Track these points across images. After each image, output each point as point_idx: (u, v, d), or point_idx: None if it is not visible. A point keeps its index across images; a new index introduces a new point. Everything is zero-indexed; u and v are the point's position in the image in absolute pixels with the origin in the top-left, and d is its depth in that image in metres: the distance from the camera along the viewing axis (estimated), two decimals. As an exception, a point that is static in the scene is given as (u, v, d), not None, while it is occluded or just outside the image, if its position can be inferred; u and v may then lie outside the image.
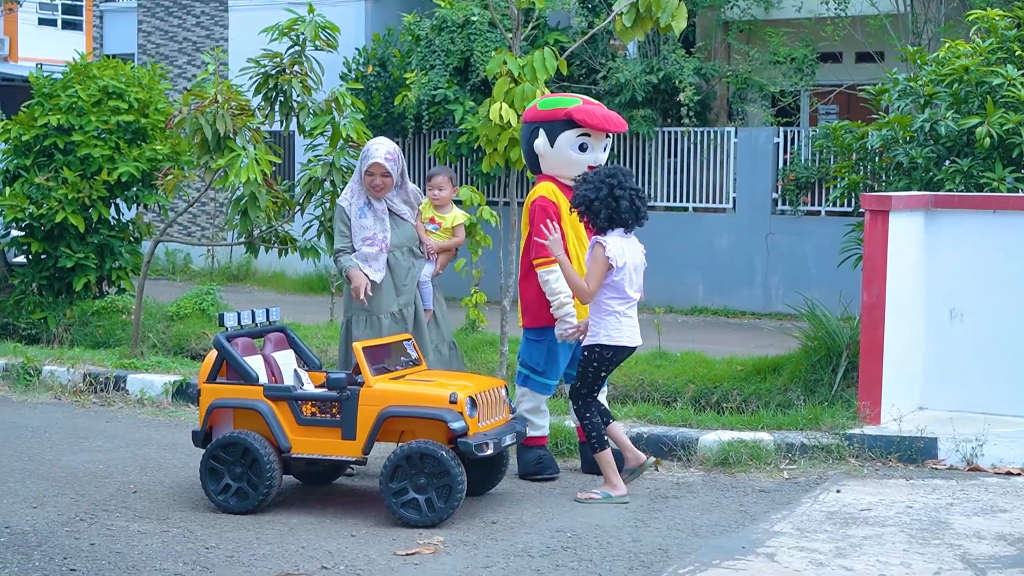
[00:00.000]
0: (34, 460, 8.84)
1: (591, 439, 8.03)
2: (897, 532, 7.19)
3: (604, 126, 8.45)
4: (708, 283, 18.50)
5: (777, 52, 18.59)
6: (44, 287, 14.70)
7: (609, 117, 8.54)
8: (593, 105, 8.61)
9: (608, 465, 8.00)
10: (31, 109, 14.63)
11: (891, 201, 9.27)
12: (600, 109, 8.62)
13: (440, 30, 19.06)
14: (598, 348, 7.96)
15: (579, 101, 8.55)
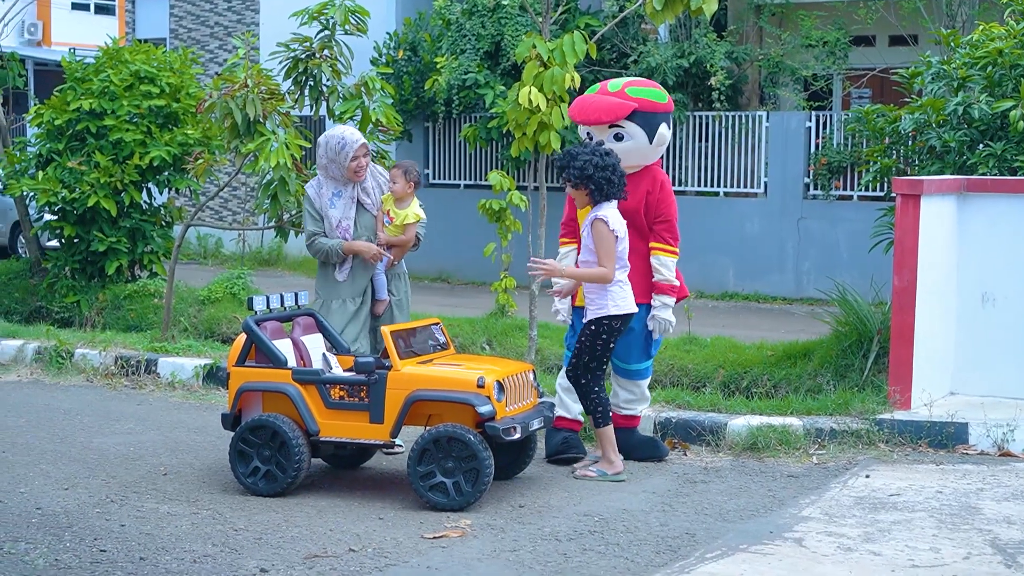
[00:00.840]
0: (66, 442, 8.90)
1: (596, 414, 8.04)
2: (926, 517, 7.16)
3: (573, 116, 8.62)
4: (739, 268, 18.43)
5: (809, 35, 18.47)
6: (77, 271, 14.78)
7: (583, 107, 8.50)
8: (585, 97, 8.59)
9: (609, 442, 8.02)
10: (63, 93, 14.69)
11: (923, 185, 9.22)
12: (581, 99, 8.60)
13: (471, 14, 19.02)
14: (607, 320, 8.01)
15: (596, 88, 8.63)
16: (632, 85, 8.51)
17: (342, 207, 8.58)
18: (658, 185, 8.42)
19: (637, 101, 8.35)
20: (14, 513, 7.10)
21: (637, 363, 8.51)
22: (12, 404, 10.23)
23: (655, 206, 8.37)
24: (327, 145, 8.56)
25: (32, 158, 14.94)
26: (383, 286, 8.72)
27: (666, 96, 8.57)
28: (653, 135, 8.36)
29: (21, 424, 9.45)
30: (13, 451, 8.59)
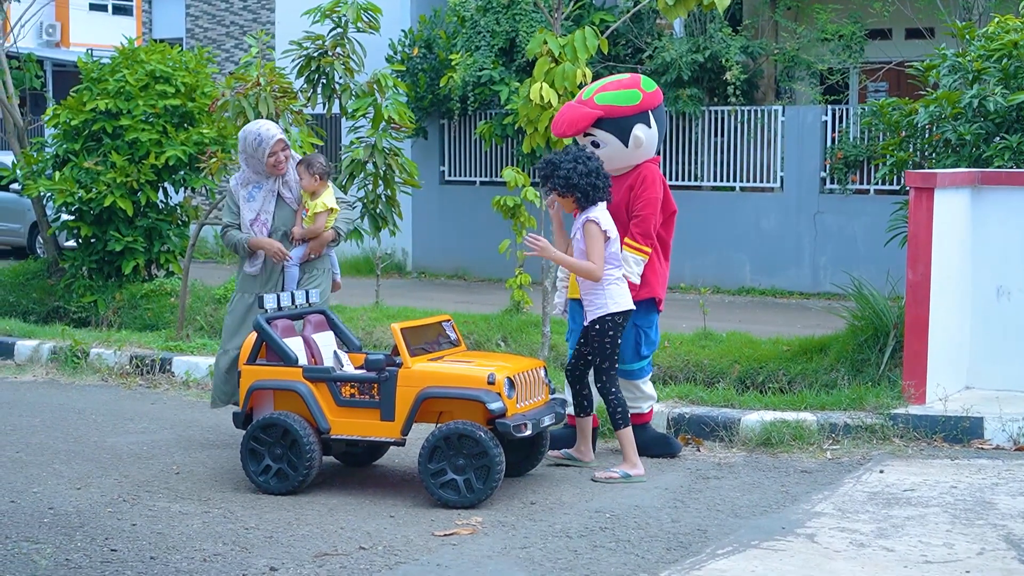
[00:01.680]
0: (80, 441, 8.92)
1: (615, 416, 8.02)
2: (940, 512, 7.12)
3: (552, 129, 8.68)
4: (755, 263, 18.38)
5: (825, 29, 18.40)
6: (94, 271, 14.82)
7: (556, 120, 8.50)
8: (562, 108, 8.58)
9: (629, 444, 7.99)
10: (80, 94, 14.74)
11: (936, 178, 9.17)
12: (559, 111, 8.59)
13: (485, 11, 19.01)
14: (609, 317, 8.00)
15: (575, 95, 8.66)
16: (602, 91, 8.41)
17: (261, 200, 8.61)
18: (640, 180, 8.34)
19: (602, 108, 8.26)
20: (26, 513, 7.11)
21: (629, 364, 8.45)
22: (27, 404, 10.26)
23: (633, 201, 8.33)
24: (245, 140, 8.59)
25: (49, 159, 14.99)
26: (293, 280, 8.65)
27: (639, 96, 8.34)
28: (627, 139, 8.28)
29: (36, 424, 9.48)
30: (27, 451, 8.61)
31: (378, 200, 11.56)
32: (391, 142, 11.32)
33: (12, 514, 7.09)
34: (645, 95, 8.37)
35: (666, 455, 8.51)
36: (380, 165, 11.24)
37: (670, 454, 8.52)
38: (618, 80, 8.54)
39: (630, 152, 8.30)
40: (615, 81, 8.54)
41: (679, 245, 18.49)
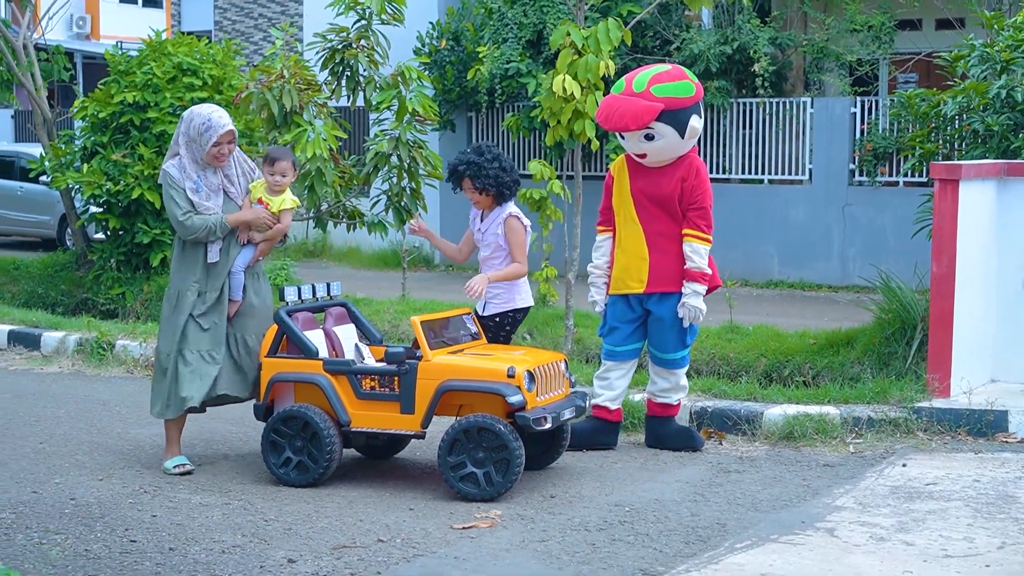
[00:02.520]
0: (103, 433, 8.96)
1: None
2: (962, 507, 7.07)
3: (600, 122, 8.52)
4: (784, 256, 18.30)
5: (854, 20, 18.28)
6: (122, 263, 14.89)
7: (609, 114, 8.33)
8: (611, 101, 8.40)
9: None
10: (107, 87, 14.80)
11: (961, 170, 9.10)
12: (607, 104, 8.42)
13: (513, 3, 18.99)
14: (511, 312, 8.21)
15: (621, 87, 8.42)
16: (657, 82, 8.24)
17: (206, 194, 7.87)
18: (693, 172, 8.33)
19: (663, 101, 8.15)
20: (48, 504, 7.15)
21: (673, 352, 8.45)
22: (53, 395, 10.31)
23: (690, 193, 8.30)
24: (190, 123, 7.85)
25: (77, 151, 15.06)
26: (239, 286, 7.96)
27: (694, 87, 8.30)
28: (684, 131, 8.24)
29: (60, 415, 9.52)
30: (51, 442, 8.66)
31: (403, 193, 11.58)
32: (415, 135, 11.33)
33: (34, 504, 7.13)
34: (697, 86, 8.36)
35: (688, 449, 8.49)
36: (404, 158, 11.26)
37: (692, 448, 8.50)
38: (665, 71, 8.34)
39: (684, 143, 8.29)
40: (663, 72, 8.33)
41: (707, 237, 18.53)
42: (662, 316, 8.35)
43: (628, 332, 8.49)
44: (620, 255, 8.45)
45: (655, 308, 8.39)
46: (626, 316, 8.47)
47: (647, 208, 8.33)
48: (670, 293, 8.31)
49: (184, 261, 7.92)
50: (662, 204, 8.28)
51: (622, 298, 8.46)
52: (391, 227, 11.81)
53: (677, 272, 8.32)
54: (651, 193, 8.30)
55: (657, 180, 8.28)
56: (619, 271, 8.45)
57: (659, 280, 8.31)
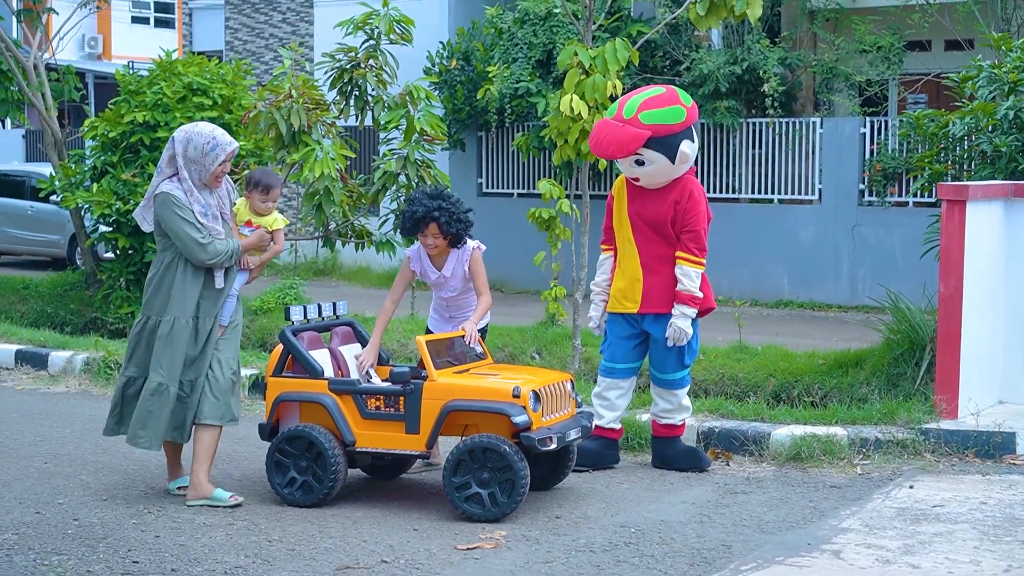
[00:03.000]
0: (108, 453, 8.94)
1: None
2: (969, 529, 7.03)
3: (592, 148, 8.52)
4: (793, 276, 18.27)
5: (864, 41, 18.28)
6: (131, 282, 14.92)
7: (598, 141, 8.34)
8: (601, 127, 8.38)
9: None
10: (118, 106, 14.84)
11: (968, 191, 9.08)
12: (597, 130, 8.42)
13: (522, 23, 19.01)
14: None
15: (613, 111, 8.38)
16: (647, 108, 8.18)
17: (212, 216, 7.58)
18: (686, 195, 8.30)
19: (651, 128, 8.10)
20: (51, 524, 7.13)
21: (672, 373, 8.45)
22: (59, 415, 10.31)
23: (682, 216, 8.29)
24: (190, 143, 7.45)
25: (87, 170, 15.09)
26: (230, 310, 7.79)
27: (684, 112, 8.22)
28: (674, 156, 8.20)
29: (66, 435, 9.52)
30: (55, 462, 8.65)
31: (410, 212, 11.55)
32: (423, 154, 11.33)
33: (37, 525, 7.12)
34: (688, 110, 8.27)
35: (694, 469, 8.46)
36: (413, 177, 11.25)
37: (698, 469, 8.47)
38: (657, 96, 8.28)
39: (676, 167, 8.26)
40: (654, 97, 8.27)
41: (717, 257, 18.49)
42: (659, 337, 8.37)
43: (627, 349, 8.49)
44: (619, 274, 8.49)
45: (651, 328, 8.39)
46: (624, 333, 8.48)
47: (642, 230, 8.34)
48: (664, 314, 8.30)
49: (187, 287, 7.54)
50: (656, 227, 8.30)
51: (620, 316, 8.48)
52: (399, 246, 11.80)
53: (670, 294, 8.31)
54: (646, 215, 8.31)
55: (652, 203, 8.30)
56: (617, 290, 8.48)
57: (652, 301, 8.32)
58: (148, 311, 7.65)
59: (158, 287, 7.61)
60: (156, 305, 7.61)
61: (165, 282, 7.58)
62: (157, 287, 7.61)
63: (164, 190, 7.50)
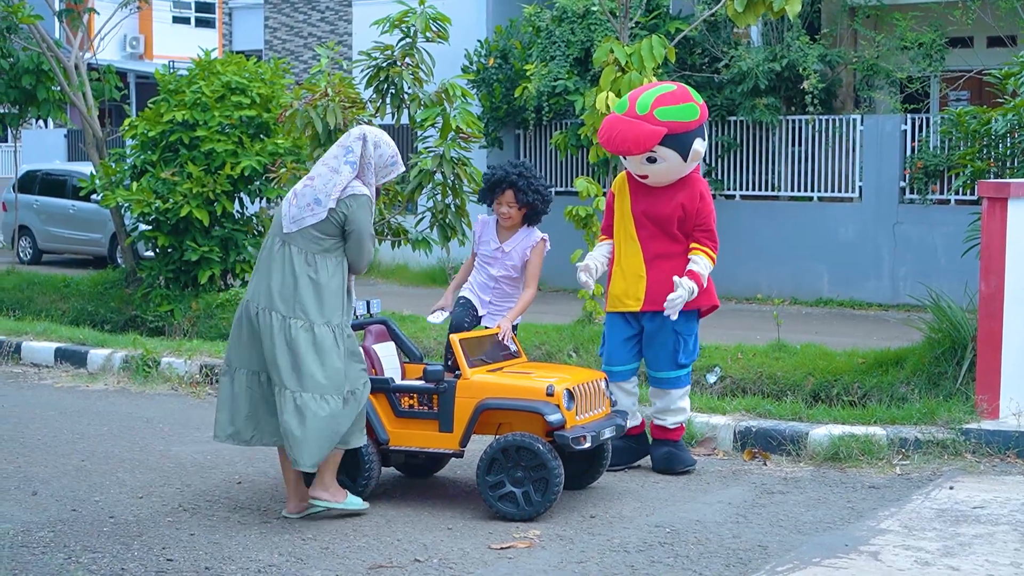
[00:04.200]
0: (144, 450, 8.97)
1: None
2: (1010, 531, 6.94)
3: (603, 143, 8.30)
4: (833, 274, 18.15)
5: (905, 37, 18.13)
6: (170, 280, 14.99)
7: (611, 137, 8.12)
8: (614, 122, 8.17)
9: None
10: (157, 105, 14.92)
11: (1010, 188, 8.96)
12: (609, 125, 8.17)
13: (560, 21, 18.97)
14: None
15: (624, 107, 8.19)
16: (661, 104, 8.06)
17: None
18: (697, 195, 8.26)
19: (666, 125, 7.98)
20: (87, 522, 7.15)
21: (665, 371, 8.34)
22: (96, 413, 10.35)
23: (695, 215, 8.25)
24: (376, 147, 7.31)
25: (127, 169, 15.17)
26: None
27: (698, 110, 8.13)
28: (687, 154, 8.11)
29: (103, 433, 9.55)
30: (92, 460, 8.68)
31: (447, 210, 11.56)
32: (459, 152, 11.30)
33: (73, 523, 7.14)
34: (700, 108, 8.18)
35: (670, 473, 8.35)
36: (448, 175, 11.23)
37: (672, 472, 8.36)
38: (671, 93, 8.18)
39: (687, 166, 8.19)
40: (668, 94, 8.17)
41: (756, 255, 18.45)
42: (654, 334, 8.28)
43: (627, 351, 8.37)
44: (618, 273, 8.36)
45: (648, 325, 8.31)
46: (624, 335, 8.36)
47: (647, 227, 8.25)
48: (663, 312, 8.24)
49: (341, 292, 7.26)
50: (661, 225, 8.21)
51: (620, 316, 8.38)
52: (435, 244, 11.79)
53: (670, 291, 8.23)
54: (652, 213, 8.23)
55: (657, 201, 8.21)
56: (617, 289, 8.35)
57: (655, 299, 8.21)
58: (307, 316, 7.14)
59: (325, 289, 7.19)
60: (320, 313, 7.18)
61: (333, 285, 7.22)
62: (323, 289, 7.18)
63: (363, 192, 7.23)
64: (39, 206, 24.05)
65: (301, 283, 7.13)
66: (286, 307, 7.11)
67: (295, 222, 7.21)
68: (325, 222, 7.17)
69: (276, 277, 7.17)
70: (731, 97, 18.59)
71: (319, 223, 7.17)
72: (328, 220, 7.17)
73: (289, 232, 7.21)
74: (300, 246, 7.18)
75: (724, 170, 19.29)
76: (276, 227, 7.32)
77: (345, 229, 7.20)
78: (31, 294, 16.64)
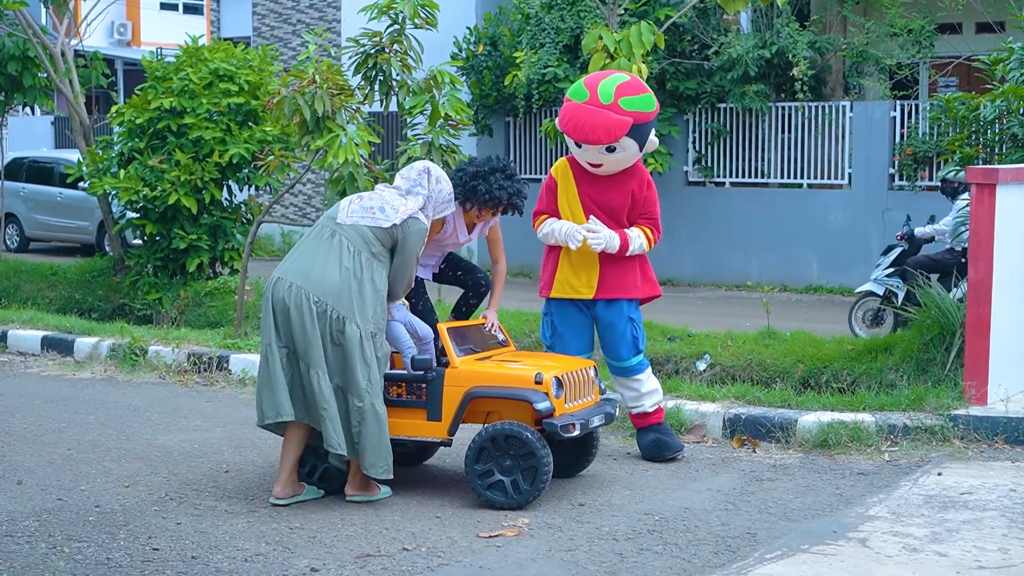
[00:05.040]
0: (131, 439, 8.94)
1: None
2: (997, 516, 6.94)
3: (567, 132, 8.11)
4: (823, 261, 18.15)
5: (894, 24, 18.10)
6: (159, 268, 14.92)
7: (578, 125, 7.97)
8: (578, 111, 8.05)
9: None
10: (144, 92, 14.83)
11: (998, 174, 8.95)
12: (574, 114, 8.01)
13: (550, 8, 18.92)
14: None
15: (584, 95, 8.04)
16: (624, 94, 7.97)
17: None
18: (644, 184, 8.27)
19: (632, 115, 7.92)
20: (72, 511, 7.12)
21: (628, 359, 8.32)
22: (83, 401, 10.31)
23: (641, 203, 8.26)
24: (439, 183, 7.54)
25: (114, 157, 15.10)
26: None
27: (654, 101, 8.13)
28: (644, 143, 8.10)
29: (89, 421, 9.51)
30: (79, 449, 8.64)
31: (436, 197, 11.49)
32: (448, 139, 11.25)
33: (58, 512, 7.11)
34: (656, 100, 8.22)
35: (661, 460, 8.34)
36: (437, 162, 11.16)
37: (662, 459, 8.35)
38: (630, 83, 8.08)
39: (638, 156, 8.18)
40: (628, 84, 8.07)
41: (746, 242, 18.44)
42: (612, 321, 8.26)
43: (581, 340, 8.34)
44: (566, 263, 8.27)
45: (603, 314, 8.28)
46: (577, 322, 8.33)
47: (596, 215, 8.19)
48: (616, 300, 8.23)
49: (377, 298, 7.26)
50: (611, 213, 8.19)
51: (571, 303, 8.32)
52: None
53: (625, 279, 8.24)
54: (601, 202, 8.18)
55: (607, 189, 8.16)
56: (567, 274, 8.27)
57: (608, 287, 8.20)
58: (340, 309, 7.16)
59: (364, 289, 7.21)
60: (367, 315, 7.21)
61: (371, 288, 7.23)
62: (363, 289, 7.21)
63: (423, 222, 7.36)
64: (26, 193, 23.94)
65: (344, 276, 7.16)
66: (322, 293, 7.13)
67: (352, 216, 7.28)
68: (383, 231, 7.25)
69: (318, 262, 7.20)
70: (721, 84, 18.57)
71: (376, 228, 7.24)
72: (387, 232, 7.25)
73: (342, 224, 7.27)
74: (352, 240, 7.22)
75: (714, 157, 19.27)
76: (329, 218, 7.38)
77: (396, 247, 7.27)
78: (18, 282, 16.56)
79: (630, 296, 8.29)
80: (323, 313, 7.13)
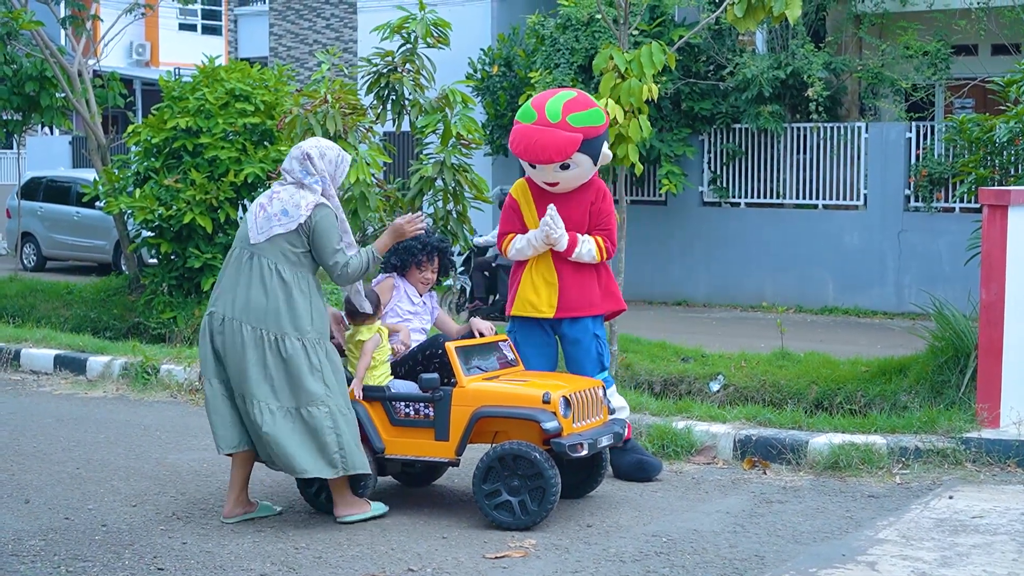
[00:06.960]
0: (140, 458, 8.93)
1: None
2: (1008, 541, 6.88)
3: (518, 154, 8.09)
4: (838, 282, 18.11)
5: (910, 46, 18.07)
6: (173, 287, 14.94)
7: (529, 146, 7.93)
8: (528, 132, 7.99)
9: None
10: (160, 112, 14.88)
11: (1010, 195, 8.91)
12: (524, 136, 7.98)
13: (564, 28, 18.94)
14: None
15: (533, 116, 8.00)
16: (572, 111, 7.94)
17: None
18: (600, 195, 8.23)
19: (582, 130, 7.89)
20: (79, 530, 7.11)
21: (594, 376, 8.23)
22: (94, 420, 10.31)
23: (596, 215, 8.21)
24: (325, 158, 7.31)
25: (130, 176, 15.14)
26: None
27: (603, 115, 8.12)
28: (597, 157, 8.08)
29: (99, 440, 9.51)
30: (87, 467, 8.64)
31: (448, 216, 11.52)
32: (460, 158, 11.26)
33: (65, 531, 7.09)
34: (604, 112, 8.22)
35: (644, 480, 8.30)
36: (449, 182, 11.19)
37: (645, 479, 8.31)
38: (576, 99, 8.06)
39: (592, 171, 8.15)
40: (574, 100, 8.04)
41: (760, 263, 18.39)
42: (578, 338, 8.21)
43: (546, 358, 8.26)
44: (527, 282, 8.21)
45: (568, 331, 8.23)
46: (539, 341, 8.25)
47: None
48: (580, 318, 8.18)
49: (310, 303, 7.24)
50: (575, 228, 8.15)
51: (534, 322, 8.24)
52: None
53: (586, 297, 8.19)
54: (562, 218, 8.10)
55: (565, 205, 8.10)
56: (528, 292, 8.19)
57: (569, 305, 8.15)
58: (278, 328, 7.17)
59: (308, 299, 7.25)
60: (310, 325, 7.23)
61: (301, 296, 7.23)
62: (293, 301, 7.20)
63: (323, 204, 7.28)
64: (43, 213, 24.06)
65: (271, 296, 7.13)
66: (255, 320, 7.11)
67: (262, 232, 7.21)
68: (293, 234, 7.19)
69: (241, 289, 7.17)
70: (736, 104, 18.56)
71: (287, 233, 7.19)
72: (296, 233, 7.19)
73: (256, 242, 7.21)
74: (269, 257, 7.18)
75: (729, 177, 19.25)
76: (242, 239, 7.30)
77: (311, 239, 7.21)
78: (33, 301, 16.62)
79: (593, 313, 8.24)
80: (260, 339, 7.10)
